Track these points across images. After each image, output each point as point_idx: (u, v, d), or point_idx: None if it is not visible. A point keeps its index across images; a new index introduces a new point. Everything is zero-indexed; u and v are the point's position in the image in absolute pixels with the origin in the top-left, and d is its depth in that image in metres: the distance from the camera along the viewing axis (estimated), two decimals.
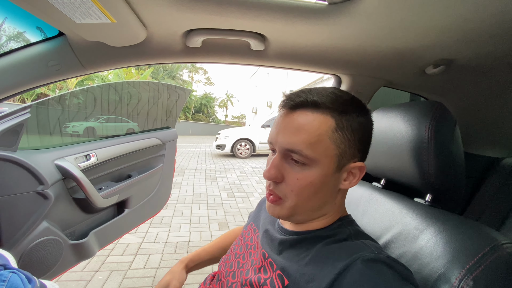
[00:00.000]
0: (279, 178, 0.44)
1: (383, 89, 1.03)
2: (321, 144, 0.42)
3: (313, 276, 0.40)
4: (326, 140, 0.42)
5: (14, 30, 12.84)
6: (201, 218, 2.92)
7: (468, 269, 0.38)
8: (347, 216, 0.50)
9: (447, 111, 0.53)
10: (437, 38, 0.63)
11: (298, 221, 0.49)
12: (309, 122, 0.42)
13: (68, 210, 1.14)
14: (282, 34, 0.67)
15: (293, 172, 0.43)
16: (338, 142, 0.42)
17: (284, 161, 0.44)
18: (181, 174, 5.20)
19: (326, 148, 0.42)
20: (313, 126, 0.42)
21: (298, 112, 0.43)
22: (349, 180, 0.46)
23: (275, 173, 0.44)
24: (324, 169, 0.42)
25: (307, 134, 0.41)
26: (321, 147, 0.42)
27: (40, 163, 1.00)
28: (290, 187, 0.44)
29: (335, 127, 0.42)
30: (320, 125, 0.42)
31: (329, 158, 0.42)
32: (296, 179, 0.43)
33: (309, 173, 0.42)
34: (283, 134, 0.44)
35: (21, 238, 0.94)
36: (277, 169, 0.44)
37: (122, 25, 0.58)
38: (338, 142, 0.42)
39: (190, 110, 27.69)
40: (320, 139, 0.41)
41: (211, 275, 0.65)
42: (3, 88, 0.73)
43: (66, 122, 1.39)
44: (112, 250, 2.07)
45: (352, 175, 0.46)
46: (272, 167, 0.44)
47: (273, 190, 0.46)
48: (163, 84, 1.78)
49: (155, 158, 1.62)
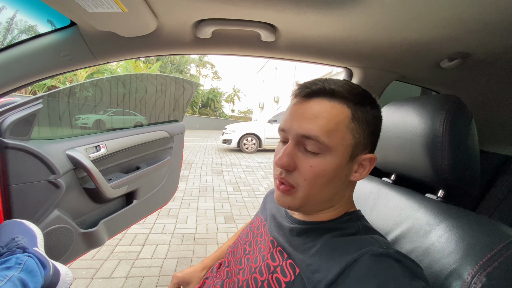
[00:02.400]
0: (292, 166, 0.43)
1: (393, 83, 1.01)
2: (338, 133, 0.41)
3: (319, 267, 0.40)
4: (343, 129, 0.42)
5: (25, 23, 13.07)
6: (208, 211, 2.95)
7: (482, 265, 0.37)
8: (356, 211, 0.50)
9: (463, 105, 0.51)
10: (453, 30, 0.61)
11: (307, 212, 0.49)
12: (327, 110, 0.42)
13: (78, 199, 1.17)
14: (293, 25, 0.66)
15: (306, 160, 0.43)
16: (354, 132, 0.42)
17: (297, 149, 0.44)
18: (188, 167, 5.25)
19: (342, 137, 0.42)
20: (331, 113, 0.41)
21: (315, 99, 0.43)
22: (360, 172, 0.46)
23: (287, 160, 0.43)
24: (338, 158, 0.42)
25: (325, 121, 0.41)
26: (338, 135, 0.41)
27: (52, 153, 1.02)
28: (303, 176, 0.43)
29: (352, 117, 0.42)
30: (338, 113, 0.41)
31: (344, 147, 0.42)
32: (310, 167, 0.42)
33: (324, 161, 0.42)
34: (298, 121, 0.43)
35: None
36: (290, 156, 0.43)
37: (133, 15, 0.58)
38: (354, 132, 0.42)
39: (197, 104, 27.79)
40: (338, 127, 0.41)
41: (218, 263, 0.66)
42: (17, 77, 0.74)
43: (76, 114, 1.41)
44: (120, 240, 2.11)
45: (362, 167, 0.46)
46: (284, 155, 0.43)
47: (285, 178, 0.44)
48: (171, 77, 1.78)
49: (163, 150, 1.64)
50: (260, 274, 0.47)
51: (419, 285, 0.34)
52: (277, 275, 0.44)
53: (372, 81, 0.94)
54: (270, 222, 0.57)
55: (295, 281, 0.41)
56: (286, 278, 0.43)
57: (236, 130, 7.83)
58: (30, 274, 0.61)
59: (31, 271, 0.62)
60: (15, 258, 0.62)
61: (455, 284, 0.38)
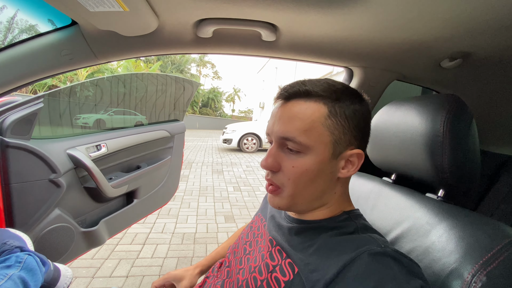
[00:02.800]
0: (276, 167, 0.45)
1: (394, 82, 1.01)
2: (315, 131, 0.42)
3: (317, 266, 0.40)
4: (319, 127, 0.42)
5: (26, 23, 13.08)
6: (208, 210, 2.95)
7: (482, 264, 0.37)
8: (354, 210, 0.50)
9: (464, 104, 0.51)
10: (454, 30, 0.61)
11: (299, 211, 0.49)
12: (302, 110, 0.43)
13: (79, 198, 1.17)
14: (294, 24, 0.66)
15: (289, 161, 0.44)
16: (331, 128, 0.43)
17: (281, 150, 0.46)
18: (189, 167, 5.25)
19: (319, 135, 0.42)
20: (306, 113, 0.43)
21: (292, 101, 0.44)
22: (348, 169, 0.46)
23: (271, 162, 0.45)
24: (319, 155, 0.43)
25: (300, 121, 0.42)
26: (315, 133, 0.42)
27: (52, 152, 1.02)
28: (287, 176, 0.44)
29: (328, 114, 0.43)
30: (313, 112, 0.43)
31: (323, 144, 0.43)
32: (292, 167, 0.44)
33: (304, 160, 0.43)
34: (278, 123, 0.45)
35: (34, 224, 0.97)
36: (273, 158, 0.45)
37: (134, 14, 0.58)
38: (331, 128, 0.43)
39: (198, 104, 27.80)
40: (313, 125, 0.42)
41: (219, 263, 0.66)
42: (18, 76, 0.74)
43: (77, 113, 1.41)
44: (121, 239, 2.12)
45: (350, 163, 0.45)
46: (268, 156, 0.45)
47: (270, 179, 0.46)
48: (171, 76, 1.78)
49: (164, 150, 1.64)
50: (260, 273, 0.47)
51: (417, 284, 0.34)
52: (276, 274, 0.44)
53: (373, 81, 0.94)
54: (270, 221, 0.58)
55: (294, 280, 0.41)
56: (285, 277, 0.43)
57: (237, 129, 7.84)
58: (31, 273, 0.61)
59: (31, 269, 0.62)
60: (15, 257, 0.62)
61: (455, 283, 0.38)
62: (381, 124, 0.65)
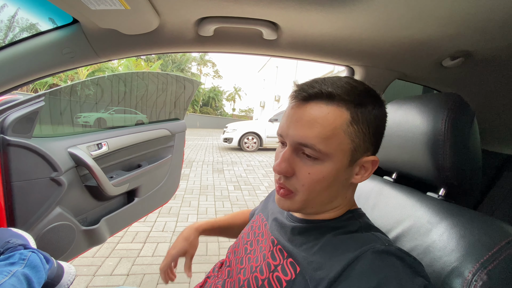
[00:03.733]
0: (290, 172, 0.43)
1: (395, 82, 1.01)
2: (335, 139, 0.40)
3: (321, 265, 0.40)
4: (340, 134, 0.40)
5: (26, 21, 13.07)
6: (208, 209, 2.95)
7: (483, 263, 0.37)
8: (357, 209, 0.50)
9: (465, 103, 0.51)
10: (456, 29, 0.60)
11: (308, 213, 0.49)
12: (323, 115, 0.40)
13: (80, 197, 1.17)
14: (295, 23, 0.66)
15: (304, 167, 0.42)
16: (353, 136, 0.40)
17: (295, 155, 0.43)
18: (189, 166, 5.26)
19: (340, 143, 0.40)
20: (328, 119, 0.40)
21: (312, 103, 0.41)
22: (361, 174, 0.44)
23: (285, 167, 0.42)
24: (337, 163, 0.41)
25: (321, 128, 0.39)
26: (335, 141, 0.40)
27: (54, 150, 1.02)
28: (301, 182, 0.42)
29: (350, 121, 0.40)
30: (335, 118, 0.40)
31: (343, 152, 0.41)
32: (308, 174, 0.41)
33: (322, 168, 0.41)
34: (295, 127, 0.42)
35: (36, 223, 0.97)
36: (288, 163, 0.43)
37: (135, 12, 0.58)
38: (353, 136, 0.40)
39: (198, 103, 27.80)
40: (335, 133, 0.40)
41: (220, 263, 0.66)
42: (19, 75, 0.74)
43: (77, 112, 1.41)
44: (121, 238, 2.12)
45: (364, 169, 0.44)
46: (282, 161, 0.43)
47: (283, 184, 0.44)
48: (172, 75, 1.78)
49: (165, 149, 1.64)
50: (261, 273, 0.47)
51: (421, 282, 0.34)
52: (278, 274, 0.44)
53: (374, 80, 0.94)
54: (272, 221, 0.57)
55: (296, 279, 0.41)
56: (287, 276, 0.43)
57: (237, 129, 7.83)
58: (34, 270, 0.61)
59: (35, 267, 0.62)
60: (19, 254, 0.62)
61: (456, 282, 0.38)
62: None
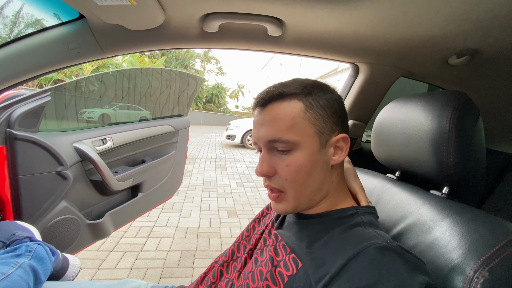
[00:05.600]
0: (271, 171, 0.46)
1: (400, 79, 1.00)
2: (297, 127, 0.44)
3: (323, 260, 0.40)
4: (301, 122, 0.44)
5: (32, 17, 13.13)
6: (211, 205, 2.97)
7: (484, 261, 0.37)
8: (362, 206, 0.50)
9: (471, 101, 0.51)
10: (463, 26, 0.60)
11: (304, 209, 0.50)
12: (281, 111, 0.45)
13: (85, 191, 1.19)
14: (300, 19, 0.66)
15: (281, 161, 0.46)
16: (312, 120, 0.45)
17: (272, 154, 0.47)
18: (192, 162, 5.28)
19: (303, 128, 0.44)
20: (285, 113, 0.45)
21: (269, 106, 0.46)
22: (338, 154, 0.48)
23: (266, 167, 0.46)
24: (308, 148, 0.45)
25: (282, 121, 0.44)
26: (298, 128, 0.44)
27: (59, 145, 1.03)
28: (283, 177, 0.45)
29: (305, 108, 0.45)
30: (291, 110, 0.45)
31: (309, 137, 0.45)
32: (286, 166, 0.45)
33: (295, 157, 0.44)
34: (262, 129, 0.46)
35: (42, 216, 0.99)
36: (266, 163, 0.46)
37: (141, 8, 0.59)
38: (312, 120, 0.45)
39: (202, 100, 27.80)
40: (295, 122, 0.44)
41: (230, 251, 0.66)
42: (26, 69, 0.75)
43: (82, 108, 1.42)
44: (125, 232, 2.15)
45: (339, 148, 0.48)
46: (262, 162, 0.47)
47: (269, 185, 0.48)
48: (176, 72, 1.78)
49: (168, 145, 1.65)
50: (266, 266, 0.48)
51: (421, 280, 0.34)
52: (280, 269, 0.45)
53: (379, 77, 0.93)
54: (277, 217, 0.59)
55: (297, 274, 0.42)
56: (289, 271, 0.43)
57: (240, 126, 7.83)
58: (40, 261, 0.62)
59: (41, 258, 0.63)
60: (25, 246, 0.64)
61: (458, 278, 0.38)
62: (386, 121, 0.65)
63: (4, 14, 12.48)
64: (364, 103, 1.05)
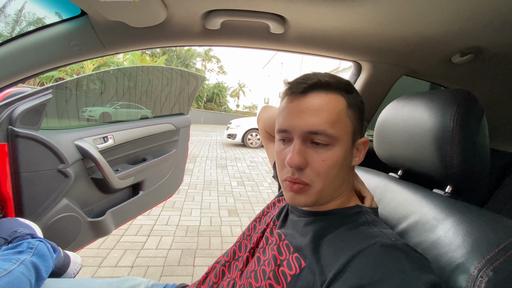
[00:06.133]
0: (304, 164, 0.43)
1: (402, 78, 0.99)
2: (341, 122, 0.43)
3: (327, 257, 0.40)
4: (344, 118, 0.43)
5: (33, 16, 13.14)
6: (212, 204, 2.97)
7: (488, 260, 0.36)
8: (365, 206, 0.50)
9: (475, 99, 0.50)
10: (466, 24, 0.59)
11: (320, 204, 0.48)
12: (327, 102, 0.43)
13: (86, 189, 1.19)
14: (303, 16, 0.65)
15: (316, 155, 0.43)
16: (352, 118, 0.45)
17: (305, 146, 0.44)
18: (193, 161, 5.28)
19: (345, 126, 0.44)
20: (331, 105, 0.43)
21: (312, 94, 0.44)
22: (358, 156, 0.48)
23: (299, 159, 0.42)
24: (344, 146, 0.44)
25: (327, 113, 0.42)
26: (341, 124, 0.43)
27: (61, 142, 1.03)
28: (316, 171, 0.43)
29: (347, 105, 0.44)
30: (337, 103, 0.43)
31: (347, 135, 0.44)
32: (322, 161, 0.43)
33: (333, 152, 0.43)
34: (301, 118, 0.43)
35: (43, 213, 0.99)
36: (301, 155, 0.43)
37: (143, 4, 0.58)
38: (352, 118, 0.45)
39: (202, 99, 27.83)
40: (339, 117, 0.43)
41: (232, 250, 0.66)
42: (28, 67, 0.75)
43: (83, 106, 1.42)
44: (126, 230, 2.15)
45: (358, 151, 0.48)
46: (295, 154, 0.42)
47: (298, 178, 0.44)
48: (177, 70, 1.77)
49: (169, 143, 1.65)
50: (269, 265, 0.47)
51: (427, 279, 0.33)
52: (283, 269, 0.45)
53: (381, 76, 0.93)
54: (278, 215, 0.58)
55: (300, 274, 0.42)
56: (292, 271, 0.43)
57: (241, 125, 7.83)
58: (42, 258, 0.63)
59: (43, 255, 0.63)
60: (27, 243, 0.64)
61: (461, 278, 0.38)
62: (389, 119, 0.65)
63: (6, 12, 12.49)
64: (367, 102, 1.04)
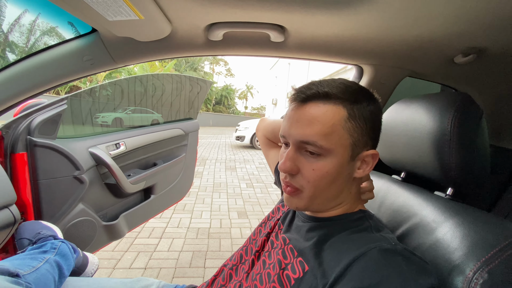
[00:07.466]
0: (295, 170, 0.45)
1: (412, 80, 0.99)
2: (335, 135, 0.42)
3: (329, 262, 0.41)
4: (339, 130, 0.42)
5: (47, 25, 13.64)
6: (221, 206, 3.00)
7: (484, 262, 0.37)
8: (367, 210, 0.51)
9: (473, 102, 0.51)
10: (468, 25, 0.59)
11: (316, 210, 0.50)
12: (322, 113, 0.42)
13: (100, 194, 1.24)
14: (301, 25, 0.67)
15: (308, 164, 0.44)
16: (351, 131, 0.43)
17: (299, 153, 0.45)
18: (202, 164, 5.35)
19: (340, 138, 0.42)
20: (327, 117, 0.42)
21: (310, 104, 0.43)
22: (363, 168, 0.46)
23: (290, 165, 0.45)
24: (339, 158, 0.43)
25: (321, 125, 0.42)
26: (335, 137, 0.42)
27: (76, 150, 1.09)
28: (306, 179, 0.44)
29: (348, 117, 0.42)
30: (333, 115, 0.42)
31: (343, 147, 0.43)
32: (312, 170, 0.44)
33: (325, 163, 0.43)
34: (296, 127, 0.44)
35: (61, 218, 1.04)
36: (292, 161, 0.45)
37: (149, 21, 0.62)
38: (351, 131, 0.43)
39: (211, 101, 28.07)
40: (334, 129, 0.42)
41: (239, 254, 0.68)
42: (45, 80, 0.80)
43: (97, 113, 1.48)
44: (139, 233, 2.21)
45: (365, 163, 0.46)
46: (287, 160, 0.45)
47: (289, 182, 0.46)
48: (185, 76, 1.83)
49: (178, 148, 1.70)
50: (274, 269, 0.49)
51: (426, 282, 0.34)
52: (287, 272, 0.46)
53: (383, 78, 0.93)
54: (283, 219, 0.59)
55: (303, 277, 0.43)
56: (295, 274, 0.44)
57: (249, 127, 7.85)
58: (64, 257, 0.68)
59: (65, 255, 0.68)
60: (50, 244, 0.69)
61: (457, 279, 0.38)
62: (390, 122, 0.66)
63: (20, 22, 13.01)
64: None
